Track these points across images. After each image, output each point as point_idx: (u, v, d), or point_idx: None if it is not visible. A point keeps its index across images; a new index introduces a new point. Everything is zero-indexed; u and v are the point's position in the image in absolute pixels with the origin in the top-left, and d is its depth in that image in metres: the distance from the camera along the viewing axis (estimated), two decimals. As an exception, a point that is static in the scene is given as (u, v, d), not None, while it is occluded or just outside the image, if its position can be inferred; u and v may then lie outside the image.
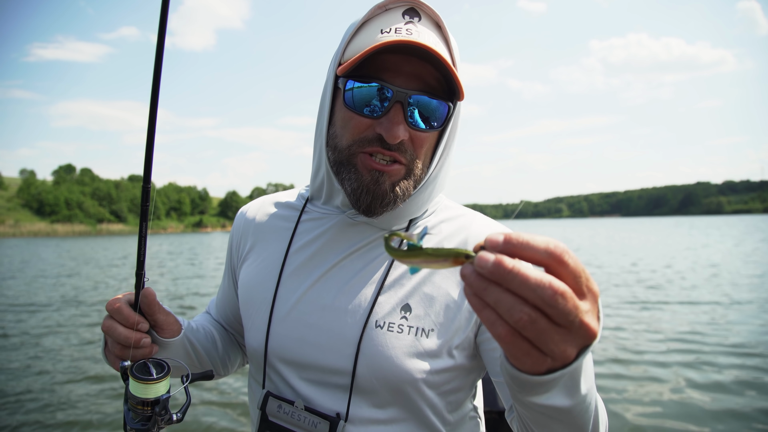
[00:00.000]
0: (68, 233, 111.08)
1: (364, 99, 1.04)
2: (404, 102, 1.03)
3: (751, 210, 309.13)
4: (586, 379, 0.75)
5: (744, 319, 10.53)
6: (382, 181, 1.07)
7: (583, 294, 0.59)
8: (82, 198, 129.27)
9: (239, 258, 1.36)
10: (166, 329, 1.19)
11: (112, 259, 31.82)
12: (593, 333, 0.60)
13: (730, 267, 20.66)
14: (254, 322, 1.22)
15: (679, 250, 30.21)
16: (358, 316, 1.10)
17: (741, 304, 12.20)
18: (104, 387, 6.95)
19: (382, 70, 1.04)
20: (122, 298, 1.14)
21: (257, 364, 1.22)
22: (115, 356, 1.14)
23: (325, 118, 1.14)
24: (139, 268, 1.14)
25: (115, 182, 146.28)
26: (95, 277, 21.14)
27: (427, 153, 1.12)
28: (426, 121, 1.06)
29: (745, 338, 8.96)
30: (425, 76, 1.05)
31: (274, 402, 1.15)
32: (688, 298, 13.18)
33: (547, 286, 0.55)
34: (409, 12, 1.08)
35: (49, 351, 8.95)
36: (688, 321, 10.35)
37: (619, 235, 57.70)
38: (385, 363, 1.07)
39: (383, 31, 1.04)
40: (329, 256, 1.18)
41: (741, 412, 5.72)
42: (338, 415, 1.10)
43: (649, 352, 8.16)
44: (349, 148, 1.08)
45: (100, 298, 14.96)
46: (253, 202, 1.43)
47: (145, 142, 1.12)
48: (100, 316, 12.33)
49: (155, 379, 1.06)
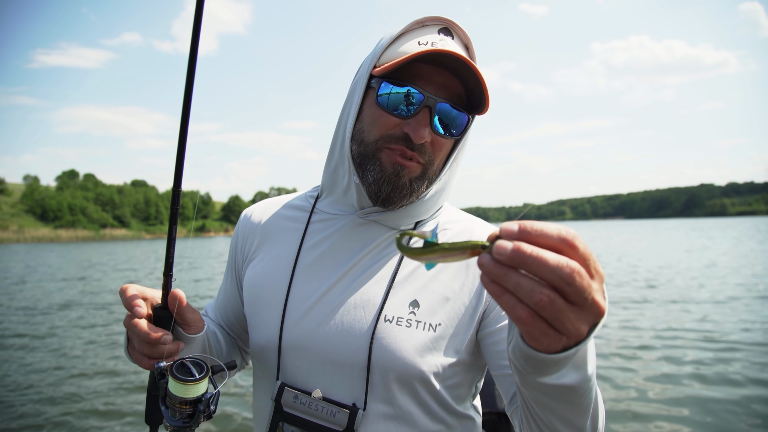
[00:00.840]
0: (71, 239, 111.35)
1: (395, 100, 1.13)
2: (432, 107, 1.13)
3: (755, 211, 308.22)
4: (591, 358, 0.78)
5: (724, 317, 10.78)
6: (403, 174, 1.16)
7: (592, 275, 0.62)
8: (85, 203, 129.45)
9: (244, 259, 1.39)
10: (193, 326, 1.23)
11: (117, 263, 31.99)
12: (602, 310, 0.64)
13: (724, 268, 20.83)
14: (264, 318, 1.25)
15: (674, 252, 30.23)
16: (371, 311, 1.16)
17: (722, 303, 12.57)
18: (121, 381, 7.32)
19: (415, 77, 1.14)
20: (140, 300, 1.15)
21: (269, 358, 1.24)
22: (142, 354, 1.16)
23: (353, 114, 1.21)
24: (167, 269, 1.19)
25: (118, 187, 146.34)
26: (110, 278, 21.37)
27: (442, 159, 1.22)
28: (447, 128, 1.16)
29: (723, 334, 9.30)
30: (452, 89, 1.15)
31: (290, 393, 1.18)
32: (669, 298, 13.48)
33: (566, 266, 0.59)
34: (443, 31, 1.18)
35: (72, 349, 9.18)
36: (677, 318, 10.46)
37: (620, 237, 57.62)
38: (395, 355, 1.12)
39: (420, 43, 1.14)
40: (342, 257, 1.24)
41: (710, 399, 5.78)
42: (355, 404, 1.14)
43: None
44: (376, 142, 1.17)
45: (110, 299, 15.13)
46: (257, 204, 1.47)
47: (176, 148, 1.18)
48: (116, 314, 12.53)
49: (198, 380, 1.09)
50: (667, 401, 6.21)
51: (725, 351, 8.31)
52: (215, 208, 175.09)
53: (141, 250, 52.65)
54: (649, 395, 6.41)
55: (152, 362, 1.14)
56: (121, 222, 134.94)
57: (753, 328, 9.86)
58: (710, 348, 8.52)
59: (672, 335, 9.42)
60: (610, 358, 8.05)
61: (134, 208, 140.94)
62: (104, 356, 9.03)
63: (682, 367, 7.53)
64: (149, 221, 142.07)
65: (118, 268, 29.06)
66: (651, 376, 7.15)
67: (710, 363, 7.67)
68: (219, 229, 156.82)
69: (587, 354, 0.76)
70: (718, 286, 15.73)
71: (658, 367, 7.59)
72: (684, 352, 8.28)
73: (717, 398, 6.25)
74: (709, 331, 9.65)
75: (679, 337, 9.29)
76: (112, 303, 15.18)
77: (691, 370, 7.35)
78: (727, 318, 10.89)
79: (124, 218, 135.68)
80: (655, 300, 13.48)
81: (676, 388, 6.63)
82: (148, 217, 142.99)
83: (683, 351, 8.36)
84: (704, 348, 8.53)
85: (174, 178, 1.19)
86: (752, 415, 5.74)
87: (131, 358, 1.20)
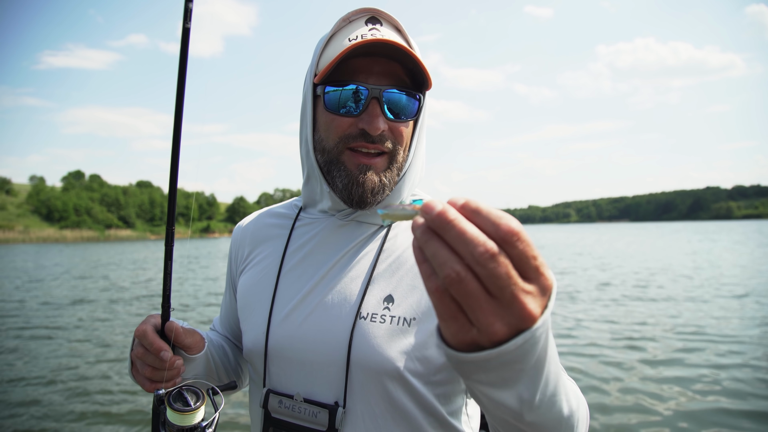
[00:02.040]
0: (77, 239, 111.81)
1: (342, 100, 1.16)
2: (379, 97, 1.14)
3: (761, 215, 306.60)
4: (536, 373, 0.67)
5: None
6: (370, 173, 1.17)
7: (529, 277, 0.57)
8: (91, 204, 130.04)
9: (237, 269, 1.44)
10: (193, 347, 1.28)
11: (129, 261, 32.00)
12: (530, 315, 0.57)
13: (720, 269, 20.83)
14: (252, 324, 1.28)
15: (670, 255, 30.05)
16: (348, 309, 1.17)
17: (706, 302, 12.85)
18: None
19: (354, 72, 1.16)
20: (149, 326, 1.22)
21: (257, 364, 1.26)
22: (145, 378, 1.22)
23: (308, 126, 1.24)
24: (165, 301, 1.24)
25: (123, 188, 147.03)
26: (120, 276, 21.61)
27: (407, 142, 1.24)
28: (401, 111, 1.18)
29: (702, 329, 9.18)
30: (394, 73, 1.17)
31: (275, 398, 1.20)
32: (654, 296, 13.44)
33: (481, 243, 0.54)
34: (371, 20, 1.21)
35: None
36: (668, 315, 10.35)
37: (624, 239, 57.45)
38: (369, 352, 1.12)
39: (350, 39, 1.16)
40: (323, 258, 1.26)
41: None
42: (336, 403, 1.14)
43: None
44: (336, 146, 1.19)
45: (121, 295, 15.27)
46: (248, 216, 1.53)
47: (167, 192, 1.25)
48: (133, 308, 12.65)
49: (193, 410, 1.15)
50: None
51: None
52: (220, 209, 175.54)
53: (149, 250, 52.93)
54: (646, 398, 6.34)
55: (153, 386, 1.20)
56: (126, 223, 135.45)
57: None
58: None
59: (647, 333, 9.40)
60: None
61: (139, 209, 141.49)
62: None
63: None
64: (154, 222, 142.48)
65: (128, 267, 29.27)
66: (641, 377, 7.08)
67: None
68: (224, 230, 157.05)
69: (522, 369, 0.64)
70: (696, 286, 15.88)
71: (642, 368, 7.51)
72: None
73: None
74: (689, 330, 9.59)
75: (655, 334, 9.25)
76: (127, 298, 15.60)
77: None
78: (702, 315, 10.82)
79: (129, 219, 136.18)
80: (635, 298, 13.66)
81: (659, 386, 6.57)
82: (153, 217, 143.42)
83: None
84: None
85: (167, 219, 1.26)
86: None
87: (135, 380, 1.25)
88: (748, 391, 6.63)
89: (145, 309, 14.39)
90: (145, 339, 1.18)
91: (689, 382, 7.08)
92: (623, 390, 6.77)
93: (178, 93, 1.21)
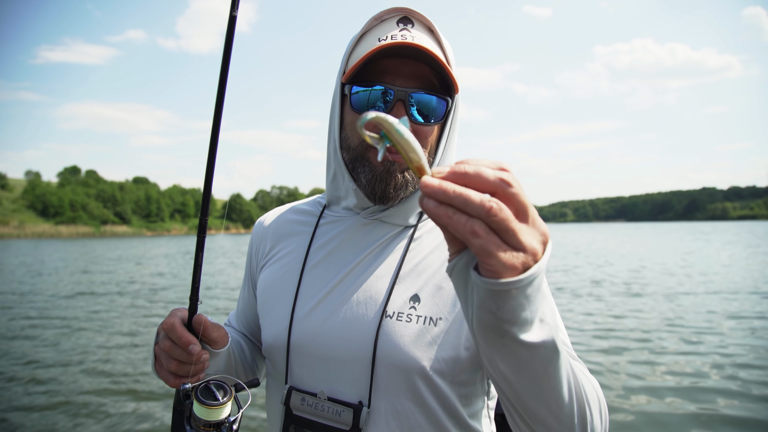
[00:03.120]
0: (72, 235, 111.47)
1: (369, 100, 1.15)
2: (405, 100, 1.13)
3: (756, 216, 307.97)
4: (551, 314, 0.75)
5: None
6: (393, 170, 1.17)
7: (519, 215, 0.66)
8: (87, 200, 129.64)
9: (258, 264, 1.43)
10: (219, 342, 1.24)
11: (139, 257, 31.98)
12: (544, 231, 0.68)
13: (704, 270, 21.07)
14: (273, 319, 1.27)
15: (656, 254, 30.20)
16: (375, 308, 1.16)
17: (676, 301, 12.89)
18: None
19: (382, 73, 1.15)
20: (176, 319, 1.17)
21: (278, 359, 1.25)
22: (170, 372, 1.17)
23: (336, 124, 1.25)
24: (193, 293, 1.21)
25: (120, 184, 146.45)
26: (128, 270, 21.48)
27: (432, 145, 1.23)
28: (427, 115, 1.17)
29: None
30: (423, 75, 1.16)
31: (298, 395, 1.18)
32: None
33: (500, 177, 0.65)
34: (402, 20, 1.19)
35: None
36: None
37: (619, 239, 57.67)
38: (395, 351, 1.12)
39: (380, 39, 1.14)
40: (348, 256, 1.25)
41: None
42: (360, 403, 1.13)
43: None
44: (360, 145, 1.19)
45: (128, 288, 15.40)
46: (270, 212, 1.51)
47: (203, 184, 1.21)
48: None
49: (221, 404, 1.12)
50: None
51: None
52: (216, 206, 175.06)
53: (145, 247, 52.88)
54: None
55: (178, 381, 1.16)
56: (122, 219, 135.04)
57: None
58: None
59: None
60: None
61: (135, 205, 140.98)
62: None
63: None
64: (150, 218, 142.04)
65: (138, 262, 29.20)
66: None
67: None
68: (220, 226, 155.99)
69: (538, 294, 0.70)
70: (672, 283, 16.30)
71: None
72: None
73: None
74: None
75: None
76: (128, 291, 15.88)
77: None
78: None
79: (125, 215, 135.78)
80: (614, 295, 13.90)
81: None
82: (149, 214, 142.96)
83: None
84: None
85: (201, 211, 1.24)
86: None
87: (158, 374, 1.21)
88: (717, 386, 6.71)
89: (152, 303, 14.39)
90: (174, 332, 1.14)
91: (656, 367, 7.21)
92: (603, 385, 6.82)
93: (220, 84, 1.18)
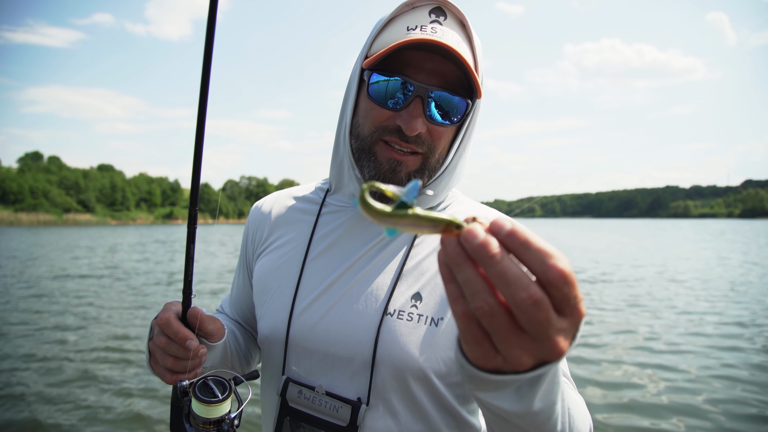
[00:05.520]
0: (33, 222, 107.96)
1: (387, 91, 1.10)
2: (424, 97, 1.08)
3: (716, 214, 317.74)
4: (545, 393, 0.68)
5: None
6: (399, 170, 1.13)
7: (565, 313, 0.54)
8: (49, 187, 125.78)
9: (255, 250, 1.39)
10: (215, 334, 1.20)
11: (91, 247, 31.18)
12: (559, 351, 0.55)
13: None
14: (271, 310, 1.24)
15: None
16: (376, 305, 1.14)
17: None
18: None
19: (405, 65, 1.10)
20: (171, 314, 1.13)
21: (275, 351, 1.23)
22: (165, 369, 1.14)
23: (349, 108, 1.20)
24: (186, 287, 1.18)
25: (84, 171, 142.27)
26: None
27: (444, 146, 1.18)
28: (444, 115, 1.11)
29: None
30: (446, 74, 1.10)
31: (295, 388, 1.17)
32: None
33: (524, 288, 0.51)
34: (435, 11, 1.12)
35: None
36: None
37: (587, 235, 58.87)
38: (396, 350, 1.10)
39: (409, 29, 1.09)
40: (349, 248, 1.22)
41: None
42: (359, 399, 1.12)
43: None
44: (370, 135, 1.14)
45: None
46: (268, 197, 1.46)
47: (192, 169, 1.18)
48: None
49: (220, 400, 1.10)
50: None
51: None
52: (183, 195, 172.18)
53: (117, 234, 51.52)
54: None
55: (174, 377, 1.13)
56: (86, 207, 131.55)
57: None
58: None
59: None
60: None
61: (100, 193, 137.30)
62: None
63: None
64: (115, 207, 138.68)
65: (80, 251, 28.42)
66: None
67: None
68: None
69: (536, 388, 0.63)
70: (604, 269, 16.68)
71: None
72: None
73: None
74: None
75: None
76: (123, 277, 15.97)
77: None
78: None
79: (88, 203, 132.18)
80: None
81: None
82: (114, 202, 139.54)
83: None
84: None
85: (190, 198, 1.21)
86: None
87: (153, 371, 1.17)
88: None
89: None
90: (169, 328, 1.10)
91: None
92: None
93: (204, 70, 1.12)
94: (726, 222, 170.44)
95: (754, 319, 11.03)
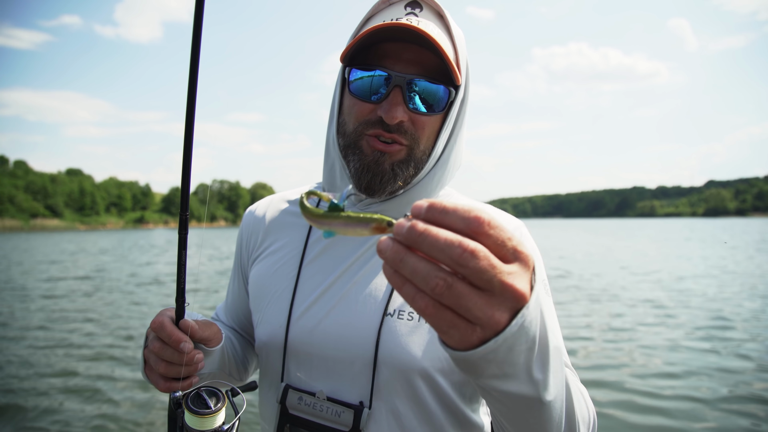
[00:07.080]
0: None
1: (366, 85, 1.10)
2: (403, 86, 1.07)
3: (680, 213, 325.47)
4: (553, 372, 0.70)
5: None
6: (382, 161, 1.11)
7: (508, 259, 0.56)
8: (14, 192, 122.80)
9: (249, 256, 1.37)
10: (213, 339, 1.19)
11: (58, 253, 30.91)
12: (521, 294, 0.56)
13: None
14: (268, 316, 1.22)
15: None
16: (375, 306, 1.13)
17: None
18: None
19: (382, 57, 1.09)
20: (165, 318, 1.11)
21: (273, 357, 1.21)
22: (159, 376, 1.12)
23: (335, 108, 1.20)
24: (179, 295, 1.14)
25: (52, 176, 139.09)
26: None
27: (429, 137, 1.15)
28: (426, 104, 1.10)
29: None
30: (425, 62, 1.08)
31: (295, 394, 1.14)
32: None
33: (456, 245, 0.52)
34: (411, 4, 1.12)
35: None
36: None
37: (558, 235, 60.23)
38: (398, 351, 1.08)
39: (385, 22, 1.08)
40: (345, 251, 1.21)
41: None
42: (361, 403, 1.10)
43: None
44: (355, 131, 1.13)
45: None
46: (261, 201, 1.44)
47: (181, 171, 1.14)
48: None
49: (213, 412, 1.08)
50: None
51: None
52: (155, 199, 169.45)
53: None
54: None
55: (168, 384, 1.11)
56: (54, 212, 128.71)
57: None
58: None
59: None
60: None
61: (68, 198, 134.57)
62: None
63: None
64: (84, 212, 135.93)
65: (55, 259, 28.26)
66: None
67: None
68: (158, 221, 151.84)
69: (531, 356, 0.64)
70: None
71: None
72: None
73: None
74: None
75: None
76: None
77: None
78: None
79: (56, 208, 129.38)
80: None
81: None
82: (83, 207, 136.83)
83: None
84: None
85: (180, 203, 1.17)
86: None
87: (148, 379, 1.15)
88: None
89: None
90: (163, 331, 1.07)
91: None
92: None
93: (191, 71, 1.08)
94: (690, 221, 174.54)
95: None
